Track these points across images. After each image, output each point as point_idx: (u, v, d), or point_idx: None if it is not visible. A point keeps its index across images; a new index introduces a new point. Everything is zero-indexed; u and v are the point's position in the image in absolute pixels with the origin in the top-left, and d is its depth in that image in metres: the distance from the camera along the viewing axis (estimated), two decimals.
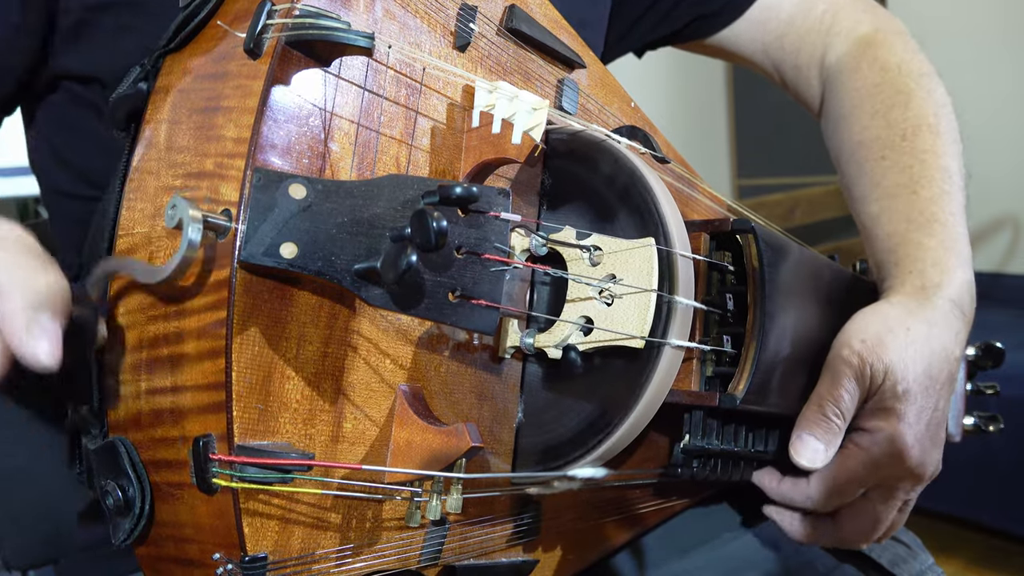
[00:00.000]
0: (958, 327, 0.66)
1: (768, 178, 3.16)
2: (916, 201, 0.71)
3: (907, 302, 0.65)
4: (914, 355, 0.62)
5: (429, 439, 0.48)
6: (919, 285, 0.67)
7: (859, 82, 0.82)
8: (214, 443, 0.43)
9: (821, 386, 0.63)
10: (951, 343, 0.65)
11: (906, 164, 0.74)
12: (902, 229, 0.71)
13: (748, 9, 0.88)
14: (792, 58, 0.89)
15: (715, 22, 0.89)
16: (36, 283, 0.42)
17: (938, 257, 0.68)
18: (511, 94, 0.53)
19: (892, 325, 0.63)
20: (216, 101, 0.46)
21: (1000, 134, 2.54)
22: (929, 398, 0.63)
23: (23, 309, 0.41)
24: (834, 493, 0.65)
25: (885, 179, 0.75)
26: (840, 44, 0.86)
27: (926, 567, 0.79)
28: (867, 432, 0.64)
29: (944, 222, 0.70)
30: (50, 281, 0.42)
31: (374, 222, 0.44)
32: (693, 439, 0.59)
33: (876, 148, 0.77)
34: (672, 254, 0.54)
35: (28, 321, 0.41)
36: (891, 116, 0.77)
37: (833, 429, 0.62)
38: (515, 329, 0.56)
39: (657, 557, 0.77)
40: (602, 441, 0.54)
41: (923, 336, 0.63)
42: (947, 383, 0.65)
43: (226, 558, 0.44)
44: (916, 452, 0.63)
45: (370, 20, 0.50)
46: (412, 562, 0.52)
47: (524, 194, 0.59)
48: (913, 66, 0.80)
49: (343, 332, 0.48)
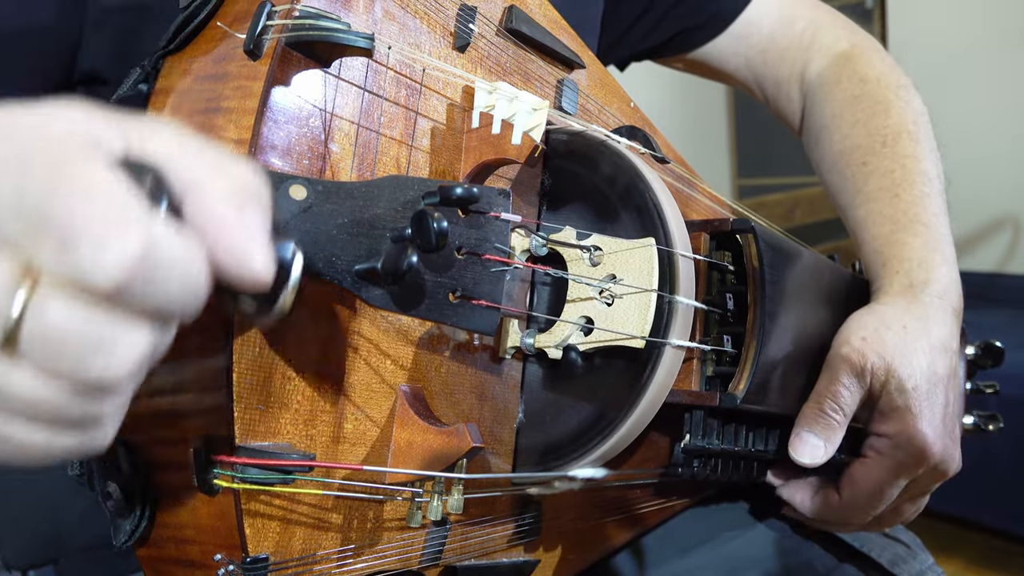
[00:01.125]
0: (949, 321, 0.67)
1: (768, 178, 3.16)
2: (899, 203, 0.73)
3: (898, 301, 0.67)
4: (915, 351, 0.63)
5: (430, 439, 0.48)
6: (907, 284, 0.68)
7: (840, 95, 0.84)
8: (215, 444, 0.43)
9: (820, 384, 0.63)
10: (947, 336, 0.66)
11: (887, 169, 0.76)
12: (887, 231, 0.72)
13: (732, 24, 0.90)
14: (773, 72, 0.91)
15: (699, 35, 0.91)
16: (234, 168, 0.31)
17: (923, 256, 0.69)
18: (511, 95, 0.53)
19: (889, 323, 0.64)
20: (216, 102, 0.46)
21: (1000, 134, 2.54)
22: (939, 392, 0.64)
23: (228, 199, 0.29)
24: (867, 505, 0.66)
25: (867, 184, 0.76)
26: (820, 59, 0.88)
27: (926, 567, 0.79)
28: (887, 436, 0.64)
29: (927, 223, 0.71)
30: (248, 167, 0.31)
31: (374, 223, 0.44)
32: (694, 439, 0.59)
33: (858, 155, 0.78)
34: (672, 254, 0.54)
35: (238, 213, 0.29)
36: (871, 125, 0.79)
37: (832, 425, 0.62)
38: (515, 329, 0.56)
39: (657, 557, 0.77)
40: (602, 441, 0.54)
41: (920, 332, 0.64)
42: (951, 376, 0.66)
43: (227, 559, 0.44)
44: (939, 448, 0.64)
45: (370, 21, 0.50)
46: (413, 562, 0.52)
47: (524, 194, 0.59)
48: (891, 78, 0.83)
49: (344, 333, 0.48)
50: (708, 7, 0.89)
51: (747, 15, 0.90)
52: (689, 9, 0.89)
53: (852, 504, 0.67)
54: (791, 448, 0.62)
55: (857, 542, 0.78)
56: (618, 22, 0.90)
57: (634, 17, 0.90)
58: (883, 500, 0.66)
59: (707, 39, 0.91)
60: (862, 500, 0.66)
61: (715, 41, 0.91)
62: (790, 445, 0.63)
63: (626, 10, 0.89)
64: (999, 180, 2.51)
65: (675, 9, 0.89)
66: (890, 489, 0.65)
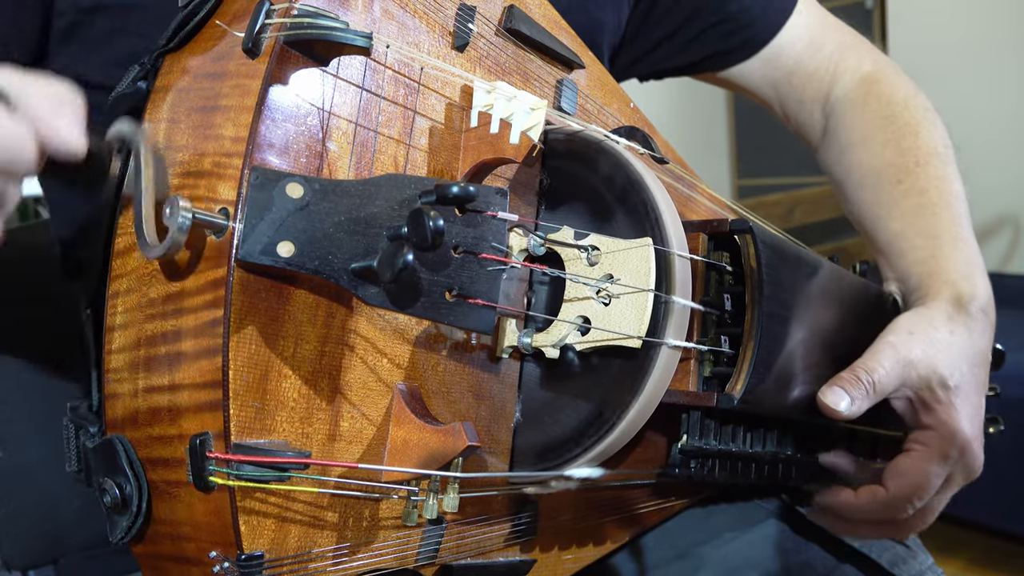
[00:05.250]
0: (989, 334, 0.73)
1: (768, 178, 3.16)
2: (938, 221, 0.78)
3: (947, 308, 0.72)
4: (959, 354, 0.68)
5: (426, 438, 0.48)
6: (954, 295, 0.73)
7: (868, 115, 0.87)
8: (211, 441, 0.43)
9: (861, 359, 0.66)
10: (985, 349, 0.72)
11: (922, 188, 0.81)
12: (931, 244, 0.77)
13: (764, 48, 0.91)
14: (798, 94, 0.93)
15: (731, 58, 0.92)
16: (55, 86, 0.45)
17: (967, 271, 0.75)
18: (509, 94, 0.53)
19: (937, 325, 0.69)
20: (214, 100, 0.47)
21: (1000, 134, 2.54)
22: (978, 396, 0.69)
23: (48, 99, 0.43)
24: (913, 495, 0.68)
25: (905, 200, 0.81)
26: (847, 81, 0.91)
27: (926, 567, 0.79)
28: (931, 428, 0.67)
29: (966, 240, 0.77)
30: (67, 88, 0.45)
31: (371, 221, 0.44)
32: (691, 439, 0.59)
33: (892, 173, 0.83)
34: (669, 254, 0.54)
35: (56, 108, 0.43)
36: (903, 145, 0.84)
37: (862, 389, 0.64)
38: (513, 329, 0.56)
39: (657, 557, 0.77)
40: (599, 441, 0.54)
41: (966, 339, 0.70)
42: (983, 386, 0.71)
43: (223, 556, 0.44)
44: (976, 446, 0.68)
45: (368, 20, 0.50)
46: (409, 561, 0.52)
47: (522, 194, 0.59)
48: (918, 101, 0.87)
49: (340, 331, 0.48)
50: (742, 32, 0.89)
51: (779, 39, 0.91)
52: (722, 32, 0.89)
53: (899, 496, 0.68)
54: (820, 392, 0.65)
55: (857, 542, 0.78)
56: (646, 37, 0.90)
57: (664, 36, 0.90)
58: (928, 490, 0.68)
59: (737, 62, 0.92)
60: (908, 490, 0.68)
61: (745, 63, 0.92)
62: (820, 392, 0.65)
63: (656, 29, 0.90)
64: (999, 180, 2.51)
65: (709, 32, 0.89)
66: (935, 480, 0.68)
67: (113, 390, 0.49)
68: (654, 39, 0.90)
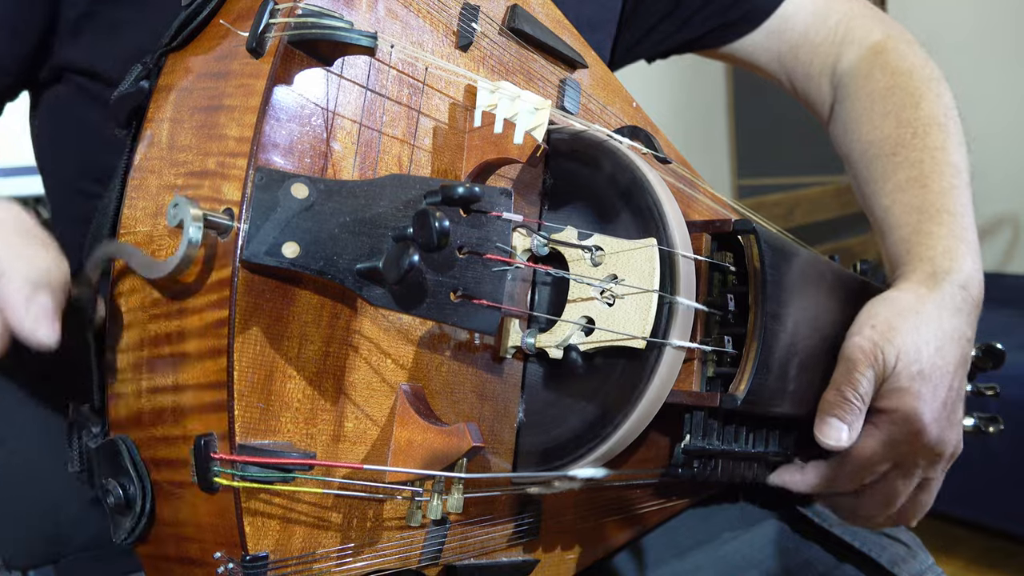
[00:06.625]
0: (968, 309, 0.68)
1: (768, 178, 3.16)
2: (927, 194, 0.74)
3: (917, 288, 0.68)
4: (926, 336, 0.65)
5: (430, 439, 0.48)
6: (929, 272, 0.69)
7: (872, 86, 0.84)
8: (215, 442, 0.43)
9: (838, 372, 0.65)
10: (963, 324, 0.67)
11: (916, 159, 0.76)
12: (913, 220, 0.73)
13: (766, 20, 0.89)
14: (804, 67, 0.91)
15: (733, 32, 0.90)
16: (35, 263, 0.43)
17: (948, 246, 0.70)
18: (513, 94, 0.53)
19: (901, 309, 0.65)
20: (218, 100, 0.46)
21: (1000, 134, 2.54)
22: (944, 377, 0.66)
23: (22, 288, 0.42)
24: (855, 473, 0.67)
25: (897, 174, 0.77)
26: (853, 52, 0.88)
27: (926, 567, 0.79)
28: (884, 412, 0.65)
29: (953, 212, 0.72)
30: (49, 261, 0.44)
31: (376, 222, 0.44)
32: (694, 439, 0.59)
33: (887, 145, 0.79)
34: (674, 254, 0.54)
35: (27, 300, 0.42)
36: (902, 116, 0.80)
37: (854, 410, 0.63)
38: (516, 329, 0.56)
39: (657, 557, 0.77)
40: (603, 441, 0.54)
41: (934, 318, 0.66)
42: (961, 363, 0.67)
43: (227, 557, 0.44)
44: (934, 430, 0.65)
45: (372, 19, 0.50)
46: (413, 561, 0.52)
47: (526, 194, 0.59)
48: (924, 71, 0.83)
49: (345, 332, 0.48)
50: (743, 3, 0.88)
51: (782, 10, 0.89)
52: (723, 6, 0.88)
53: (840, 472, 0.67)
54: (817, 431, 0.64)
55: (857, 542, 0.78)
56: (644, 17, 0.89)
57: (662, 13, 0.89)
58: (871, 471, 0.67)
59: (740, 35, 0.90)
60: (850, 468, 0.67)
61: (749, 36, 0.90)
62: (816, 429, 0.64)
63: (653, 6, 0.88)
64: (999, 180, 2.51)
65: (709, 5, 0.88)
66: (880, 462, 0.67)
67: (116, 390, 0.48)
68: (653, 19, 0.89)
